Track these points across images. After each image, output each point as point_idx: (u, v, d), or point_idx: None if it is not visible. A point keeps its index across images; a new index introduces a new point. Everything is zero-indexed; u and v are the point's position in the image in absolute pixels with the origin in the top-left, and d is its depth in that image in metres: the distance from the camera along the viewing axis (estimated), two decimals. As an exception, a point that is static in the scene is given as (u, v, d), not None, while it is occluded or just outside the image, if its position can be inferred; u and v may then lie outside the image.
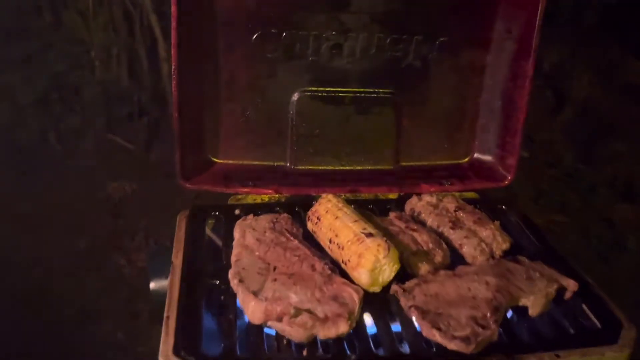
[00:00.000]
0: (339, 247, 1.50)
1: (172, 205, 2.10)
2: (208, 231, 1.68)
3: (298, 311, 1.28)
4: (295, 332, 1.28)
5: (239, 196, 1.87)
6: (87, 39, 4.59)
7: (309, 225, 1.63)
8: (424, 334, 1.32)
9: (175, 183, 1.81)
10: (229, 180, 1.87)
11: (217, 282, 1.47)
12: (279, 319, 1.28)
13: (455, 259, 1.52)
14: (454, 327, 1.32)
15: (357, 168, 2.02)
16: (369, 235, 1.46)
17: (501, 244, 1.62)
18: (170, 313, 1.35)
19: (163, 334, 1.29)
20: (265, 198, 1.90)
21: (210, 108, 1.87)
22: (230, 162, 1.93)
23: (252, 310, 1.31)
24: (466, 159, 2.09)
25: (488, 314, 1.29)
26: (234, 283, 1.38)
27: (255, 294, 1.35)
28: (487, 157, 2.06)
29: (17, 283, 3.34)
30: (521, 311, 1.38)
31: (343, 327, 1.28)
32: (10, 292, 3.22)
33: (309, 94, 1.91)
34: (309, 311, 1.31)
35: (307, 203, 1.73)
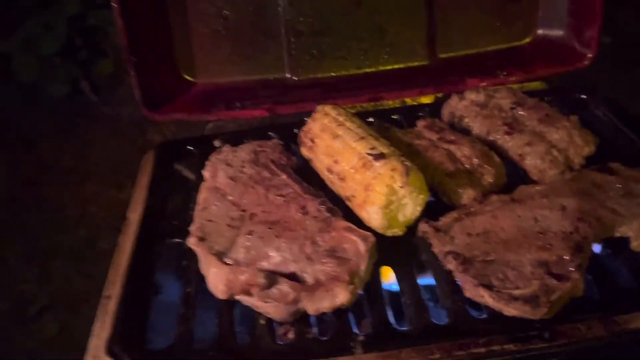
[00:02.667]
0: (339, 177, 1.06)
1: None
2: (180, 169, 1.29)
3: (272, 278, 0.87)
4: (272, 309, 0.88)
5: (220, 124, 1.45)
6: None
7: (303, 151, 1.20)
8: (468, 294, 0.89)
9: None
10: (210, 105, 1.45)
11: (179, 240, 1.07)
12: (247, 292, 0.88)
13: (514, 178, 1.06)
14: (513, 282, 0.87)
15: (379, 69, 1.54)
16: (379, 156, 1.00)
17: (582, 147, 1.13)
18: (112, 291, 0.98)
19: (97, 322, 0.94)
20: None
21: (175, 12, 1.43)
22: (212, 80, 1.50)
23: (212, 280, 0.92)
24: (527, 39, 1.59)
25: (566, 257, 0.84)
26: (192, 242, 0.98)
27: (221, 255, 0.95)
28: (557, 32, 1.54)
29: (64, 241, 3.20)
30: (618, 245, 0.95)
31: (342, 296, 0.87)
32: (59, 251, 3.08)
33: (302, -28, 1.44)
34: (291, 276, 0.89)
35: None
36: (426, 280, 0.99)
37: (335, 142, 1.09)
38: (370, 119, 1.36)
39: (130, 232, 1.12)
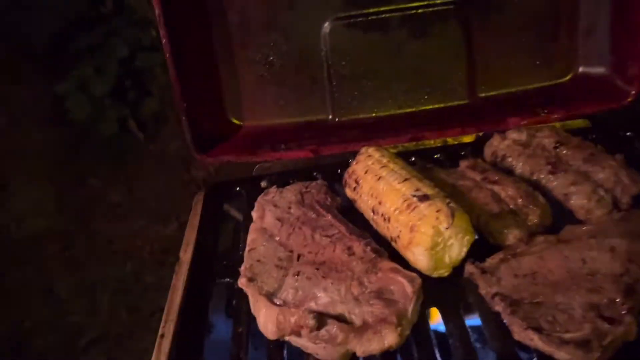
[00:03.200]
0: (384, 218, 1.08)
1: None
2: (229, 209, 1.33)
3: (321, 320, 0.89)
4: (321, 350, 0.90)
5: (267, 165, 1.49)
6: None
7: (348, 192, 1.23)
8: (516, 337, 0.88)
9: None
10: (257, 146, 1.50)
11: (230, 280, 1.11)
12: (297, 333, 0.90)
13: (560, 218, 1.06)
14: (563, 325, 0.87)
15: (420, 109, 1.57)
16: (424, 198, 1.02)
17: (629, 186, 1.12)
18: (166, 330, 1.02)
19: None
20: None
21: (223, 59, 1.50)
22: (258, 123, 1.56)
23: (263, 320, 0.95)
24: (568, 77, 1.58)
25: (618, 299, 0.82)
26: (242, 282, 1.02)
27: (270, 296, 0.98)
28: (598, 70, 1.54)
29: (112, 274, 3.31)
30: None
31: (390, 338, 0.88)
32: (107, 284, 3.18)
33: (344, 21, 1.49)
34: (339, 318, 0.91)
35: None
36: (474, 320, 0.99)
37: (379, 184, 1.12)
38: (412, 159, 1.38)
39: (182, 271, 1.17)
